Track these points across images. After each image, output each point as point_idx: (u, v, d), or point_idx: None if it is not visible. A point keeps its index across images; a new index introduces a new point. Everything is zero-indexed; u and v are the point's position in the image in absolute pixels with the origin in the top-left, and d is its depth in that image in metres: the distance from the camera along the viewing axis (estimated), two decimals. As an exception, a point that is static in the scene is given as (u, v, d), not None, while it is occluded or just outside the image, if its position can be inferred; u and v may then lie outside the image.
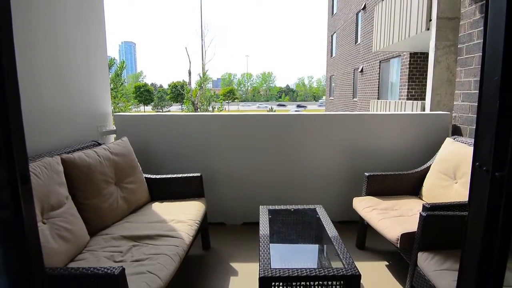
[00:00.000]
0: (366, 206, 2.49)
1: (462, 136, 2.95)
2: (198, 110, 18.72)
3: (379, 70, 12.71)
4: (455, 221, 1.81)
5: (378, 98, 12.71)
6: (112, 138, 3.19)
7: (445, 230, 1.83)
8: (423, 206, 1.94)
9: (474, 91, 2.86)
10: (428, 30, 5.77)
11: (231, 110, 38.77)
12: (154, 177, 2.67)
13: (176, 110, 41.80)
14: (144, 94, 43.37)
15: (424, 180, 2.70)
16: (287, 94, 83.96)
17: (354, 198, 2.70)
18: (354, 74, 16.49)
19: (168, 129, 3.16)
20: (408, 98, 9.76)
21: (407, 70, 9.84)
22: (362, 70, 14.74)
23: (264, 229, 2.09)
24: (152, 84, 65.33)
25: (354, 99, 16.48)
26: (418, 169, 2.79)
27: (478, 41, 2.80)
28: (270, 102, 70.72)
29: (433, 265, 1.69)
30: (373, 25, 10.56)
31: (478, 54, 2.82)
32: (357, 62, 15.69)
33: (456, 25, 3.91)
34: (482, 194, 0.84)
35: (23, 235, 0.79)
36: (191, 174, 2.66)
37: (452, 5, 3.99)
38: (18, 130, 0.77)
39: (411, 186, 2.75)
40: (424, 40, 6.70)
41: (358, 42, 15.67)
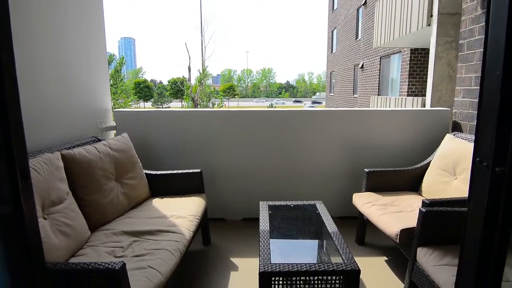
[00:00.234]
0: (365, 202, 2.49)
1: (462, 132, 2.94)
2: (198, 106, 18.70)
3: (380, 66, 12.67)
4: (454, 217, 1.81)
5: (379, 94, 12.69)
6: (112, 134, 3.19)
7: (444, 225, 1.84)
8: (423, 202, 1.94)
9: (475, 87, 2.85)
10: (429, 25, 5.74)
11: (231, 106, 38.73)
12: (154, 173, 2.67)
13: (176, 106, 41.75)
14: (144, 90, 43.24)
15: (424, 176, 2.70)
16: (287, 90, 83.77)
17: (354, 194, 2.71)
18: (354, 70, 16.44)
19: (168, 125, 3.15)
20: (408, 94, 9.74)
21: (408, 66, 9.80)
22: (362, 66, 14.69)
23: (264, 224, 2.09)
24: (151, 80, 65.11)
25: (355, 95, 16.44)
26: (418, 165, 2.79)
27: (479, 36, 2.79)
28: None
29: (432, 260, 1.70)
30: (373, 20, 10.51)
31: (479, 50, 2.80)
32: (357, 58, 15.63)
33: (457, 20, 3.89)
34: (482, 190, 0.84)
35: (24, 231, 0.79)
36: (191, 170, 2.66)
37: (453, 0, 3.96)
38: (17, 126, 0.77)
39: (411, 182, 2.75)
40: (425, 36, 6.67)
41: (359, 38, 15.60)
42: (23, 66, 2.06)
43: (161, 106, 43.03)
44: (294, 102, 54.55)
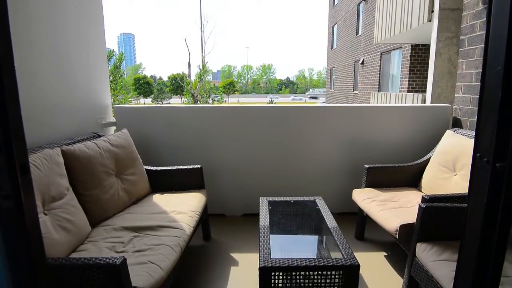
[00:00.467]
0: (365, 198, 2.50)
1: (463, 128, 2.94)
2: (198, 102, 18.66)
3: (380, 62, 12.62)
4: (454, 212, 1.82)
5: (379, 91, 12.66)
6: (112, 130, 3.18)
7: (443, 221, 1.84)
8: (423, 197, 1.95)
9: (476, 83, 2.84)
10: (430, 21, 5.71)
11: (231, 102, 38.63)
12: (154, 169, 2.67)
13: (176, 102, 41.62)
14: (143, 86, 43.07)
15: (423, 172, 2.70)
16: (287, 86, 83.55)
17: (354, 190, 2.71)
18: (355, 66, 16.38)
19: (168, 121, 3.15)
20: (409, 91, 9.71)
21: (408, 62, 9.77)
22: (363, 62, 14.63)
23: (264, 220, 2.10)
24: (151, 76, 64.91)
25: (355, 92, 16.40)
26: (418, 161, 2.80)
27: (481, 32, 2.77)
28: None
29: (431, 255, 1.71)
30: (374, 16, 10.45)
31: (480, 45, 2.79)
32: (358, 54, 15.56)
33: (458, 16, 3.87)
34: (482, 185, 0.84)
35: (24, 226, 0.79)
36: (192, 166, 2.66)
37: (454, -5, 3.93)
38: (16, 121, 0.77)
39: (411, 178, 2.76)
40: (426, 31, 6.64)
41: (359, 33, 15.52)
42: (23, 62, 2.05)
43: (161, 102, 42.87)
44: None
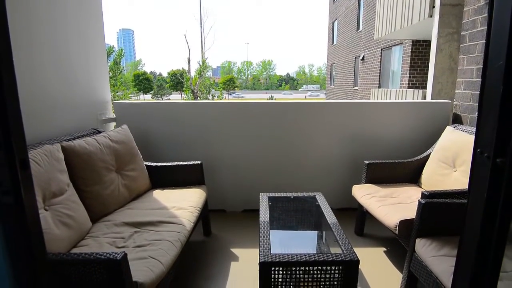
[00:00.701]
0: (365, 194, 2.50)
1: (463, 124, 2.94)
2: (198, 98, 18.62)
3: (381, 58, 12.57)
4: (453, 208, 1.82)
5: (379, 87, 12.62)
6: (112, 126, 3.18)
7: (443, 217, 1.85)
8: (422, 193, 1.95)
9: (476, 79, 2.83)
10: (431, 17, 5.67)
11: (231, 98, 38.52)
12: (154, 164, 2.68)
13: (176, 98, 41.50)
14: (143, 83, 42.93)
15: (423, 168, 2.71)
16: (288, 82, 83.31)
17: (354, 186, 2.72)
18: (355, 62, 16.32)
19: (168, 117, 3.14)
20: (409, 87, 9.69)
21: (409, 58, 9.73)
22: (363, 58, 14.58)
23: (264, 215, 2.10)
24: (151, 72, 64.62)
25: (355, 88, 16.36)
26: (418, 157, 2.80)
27: (482, 28, 2.76)
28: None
29: (430, 251, 1.71)
30: (375, 11, 10.39)
31: (481, 41, 2.78)
32: (358, 50, 15.50)
33: (459, 11, 3.85)
34: (483, 181, 0.84)
35: (24, 220, 0.79)
36: (192, 162, 2.66)
37: (456, -9, 3.90)
38: (16, 116, 0.76)
39: (411, 174, 2.76)
40: (426, 27, 6.60)
41: (360, 29, 15.44)
42: (23, 59, 2.05)
43: (161, 99, 42.80)
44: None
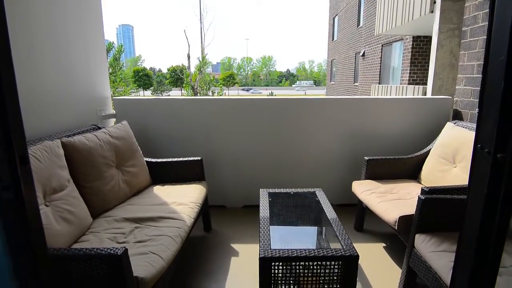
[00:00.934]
0: (365, 190, 2.51)
1: (463, 120, 2.93)
2: (198, 94, 18.58)
3: (381, 54, 12.52)
4: (453, 204, 1.83)
5: (379, 83, 12.59)
6: (111, 122, 3.18)
7: (442, 213, 1.85)
8: (422, 189, 1.95)
9: (477, 75, 2.82)
10: (432, 12, 5.63)
11: (231, 95, 38.44)
12: (155, 160, 2.68)
13: (175, 95, 41.41)
14: (143, 79, 42.72)
15: (423, 164, 2.71)
16: (288, 78, 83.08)
17: (354, 182, 2.72)
18: (355, 58, 16.25)
19: (168, 113, 3.14)
20: (409, 83, 9.66)
21: (410, 54, 9.69)
22: (363, 54, 14.52)
23: (264, 211, 2.11)
24: (151, 68, 64.40)
25: (355, 84, 16.32)
26: (418, 153, 2.80)
27: (483, 23, 2.74)
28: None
29: (430, 246, 1.72)
30: (376, 7, 10.32)
31: (482, 37, 2.76)
32: (359, 46, 15.43)
33: (460, 7, 3.82)
34: (483, 176, 0.84)
35: (25, 216, 0.79)
36: (192, 158, 2.67)
37: (457, -14, 3.88)
38: (15, 112, 0.76)
39: (411, 170, 2.76)
40: (427, 23, 6.56)
41: (361, 25, 15.35)
42: (22, 55, 2.04)
43: (160, 95, 42.67)
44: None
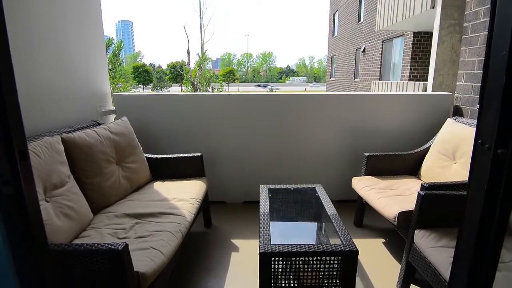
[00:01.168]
0: (365, 186, 2.51)
1: (463, 117, 2.93)
2: (198, 91, 18.53)
3: (382, 50, 12.47)
4: (453, 200, 1.83)
5: (380, 79, 12.55)
6: (111, 118, 3.17)
7: (442, 209, 1.86)
8: (422, 185, 1.96)
9: (478, 71, 2.81)
10: (433, 8, 5.61)
11: (231, 91, 38.33)
12: (155, 156, 2.68)
13: (175, 91, 41.25)
14: (142, 75, 42.58)
15: (423, 160, 2.71)
16: (288, 74, 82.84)
17: (353, 178, 2.72)
18: (356, 54, 16.19)
19: (168, 109, 3.13)
20: (410, 79, 9.64)
21: (410, 50, 9.65)
22: (364, 50, 14.46)
23: (264, 207, 2.11)
24: (150, 64, 64.17)
25: (356, 80, 16.27)
26: (418, 149, 2.80)
27: (484, 19, 2.73)
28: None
29: (429, 242, 1.73)
30: (377, 2, 10.26)
31: (483, 33, 2.75)
32: (359, 41, 15.36)
33: (462, 3, 3.80)
34: (483, 172, 0.84)
35: (25, 211, 0.80)
36: (192, 154, 2.67)
37: (459, -19, 3.84)
38: (14, 107, 0.76)
39: (410, 166, 2.77)
40: (428, 18, 6.54)
41: (361, 20, 15.28)
42: (21, 50, 2.03)
43: (160, 91, 42.54)
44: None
